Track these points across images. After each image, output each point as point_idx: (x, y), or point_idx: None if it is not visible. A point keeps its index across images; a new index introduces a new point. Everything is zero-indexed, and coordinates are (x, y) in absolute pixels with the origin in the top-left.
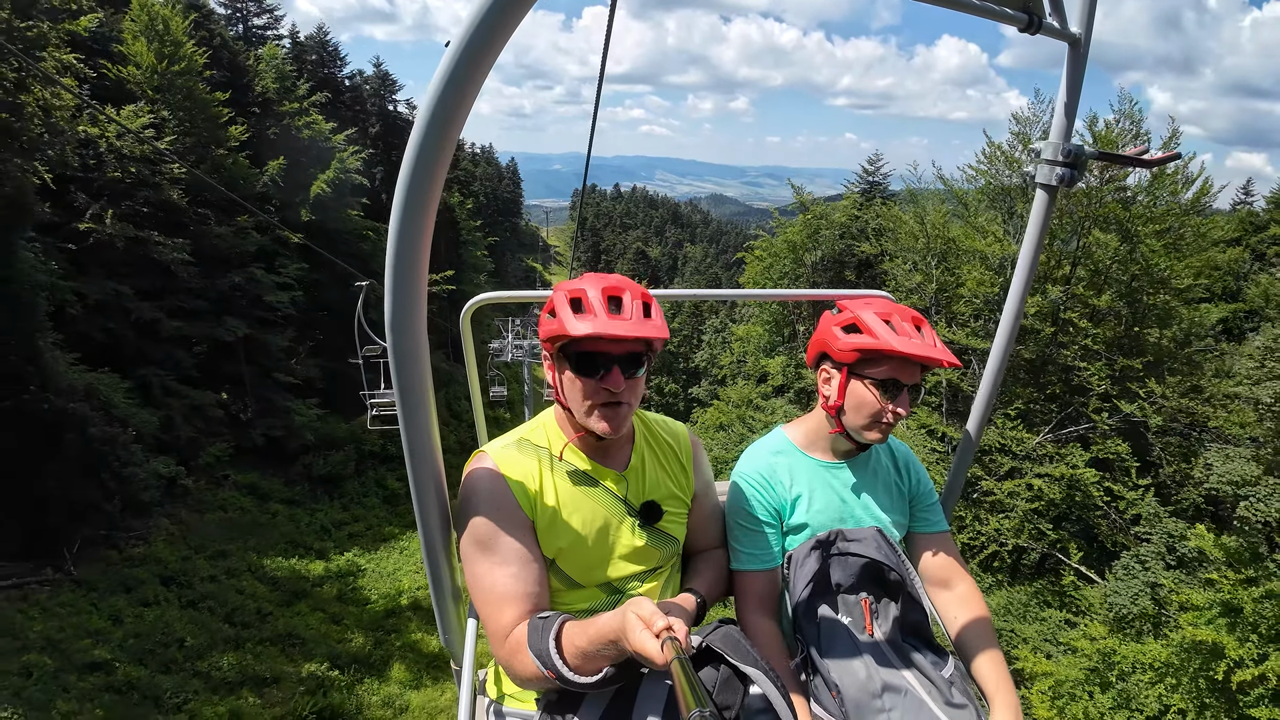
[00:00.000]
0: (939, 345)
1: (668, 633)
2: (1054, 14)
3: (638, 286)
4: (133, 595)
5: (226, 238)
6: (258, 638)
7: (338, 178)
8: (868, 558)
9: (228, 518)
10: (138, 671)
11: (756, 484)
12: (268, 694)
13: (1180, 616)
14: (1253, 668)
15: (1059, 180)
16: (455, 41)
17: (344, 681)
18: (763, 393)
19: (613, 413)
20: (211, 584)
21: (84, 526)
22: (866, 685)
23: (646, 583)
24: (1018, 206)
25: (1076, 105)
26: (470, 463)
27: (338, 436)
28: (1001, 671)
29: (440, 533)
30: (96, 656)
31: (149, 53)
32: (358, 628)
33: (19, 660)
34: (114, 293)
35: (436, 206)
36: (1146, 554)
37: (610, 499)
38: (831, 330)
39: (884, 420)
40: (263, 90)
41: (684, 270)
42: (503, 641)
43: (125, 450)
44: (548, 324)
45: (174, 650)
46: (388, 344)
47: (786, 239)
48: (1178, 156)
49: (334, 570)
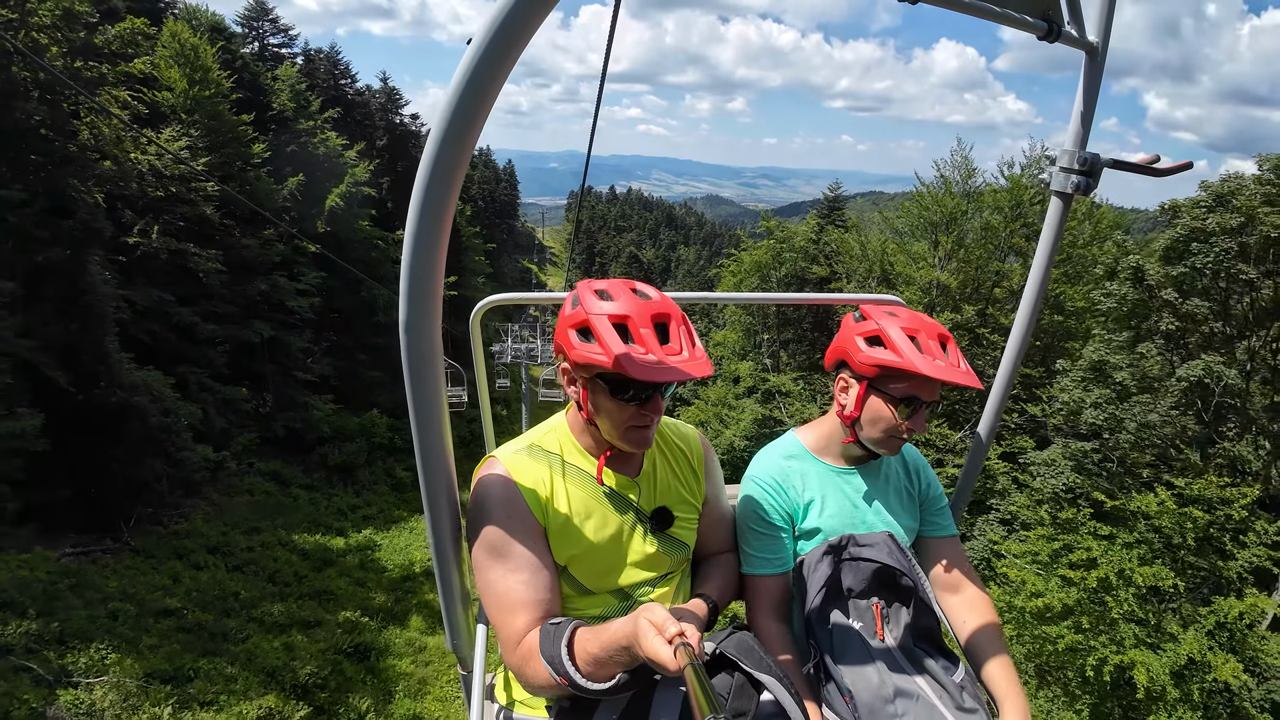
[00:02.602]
0: (963, 365)
1: (680, 639)
2: (1073, 23)
3: (676, 307)
4: (185, 561)
5: (253, 248)
6: (297, 594)
7: (349, 191)
8: (879, 563)
9: (254, 500)
10: (204, 616)
11: (769, 488)
12: (312, 634)
13: (999, 564)
14: (1047, 597)
15: (1074, 188)
16: (477, 40)
17: (373, 626)
18: (735, 394)
19: (644, 433)
20: (250, 553)
21: (139, 504)
22: (879, 690)
23: (658, 589)
24: (939, 238)
25: (1093, 113)
26: (481, 468)
27: (350, 429)
28: (1011, 676)
29: (451, 538)
30: (167, 604)
31: (181, 78)
32: (379, 589)
33: (105, 608)
34: (158, 299)
35: (454, 210)
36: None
37: (622, 505)
38: (854, 340)
39: (899, 436)
40: (280, 108)
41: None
42: (514, 648)
43: (179, 437)
44: (584, 348)
45: (230, 601)
46: (402, 346)
47: (754, 259)
48: (1189, 166)
49: (353, 545)
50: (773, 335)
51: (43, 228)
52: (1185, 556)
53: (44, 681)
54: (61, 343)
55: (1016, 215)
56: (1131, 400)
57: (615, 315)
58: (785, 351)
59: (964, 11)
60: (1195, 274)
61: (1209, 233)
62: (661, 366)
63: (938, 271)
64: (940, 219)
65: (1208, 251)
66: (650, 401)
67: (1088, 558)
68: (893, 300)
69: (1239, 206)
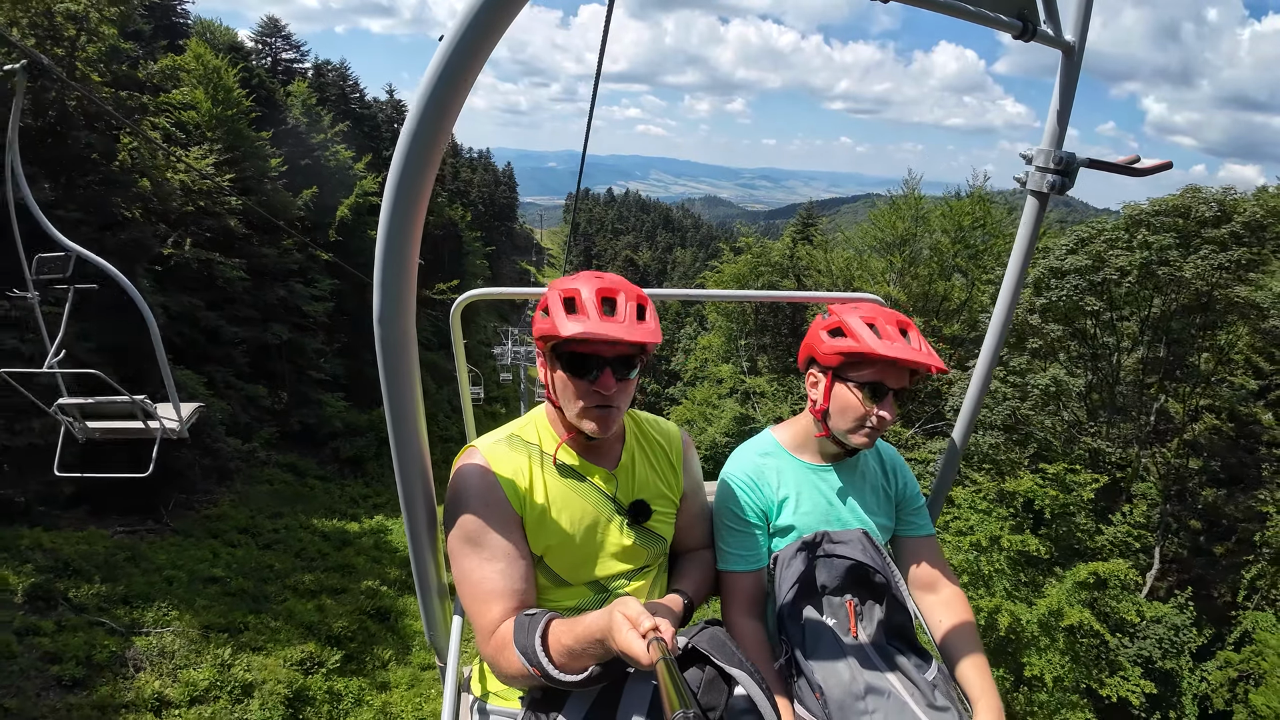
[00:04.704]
0: (925, 349)
1: (654, 633)
2: (1048, 21)
3: (633, 287)
4: (220, 540)
5: (271, 257)
6: (323, 567)
7: (358, 201)
8: (853, 560)
9: (274, 489)
10: (245, 583)
11: (744, 485)
12: (339, 598)
13: None
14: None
15: (1050, 187)
16: (448, 36)
17: (391, 594)
18: (718, 394)
19: (603, 414)
20: (276, 534)
21: (176, 490)
22: (850, 687)
23: (634, 581)
24: (892, 257)
25: (1069, 112)
26: (460, 458)
27: (360, 425)
28: (985, 675)
29: (426, 529)
30: (213, 573)
31: (206, 99)
32: (393, 565)
33: (160, 575)
34: (188, 304)
35: (427, 202)
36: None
37: (599, 497)
38: (818, 334)
39: (869, 424)
40: (294, 123)
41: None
42: (489, 638)
43: (214, 430)
44: (541, 322)
45: (266, 572)
46: (376, 338)
47: (734, 271)
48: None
49: (367, 529)
50: (750, 341)
51: (95, 243)
52: (1057, 530)
53: (117, 632)
54: (113, 345)
55: (959, 238)
56: (1004, 404)
57: (566, 290)
58: (764, 355)
59: (938, 10)
60: (1052, 305)
61: (1063, 271)
62: (594, 328)
63: (890, 286)
64: (894, 240)
65: (1062, 286)
66: (601, 378)
67: (966, 526)
68: (870, 299)
69: (1091, 250)
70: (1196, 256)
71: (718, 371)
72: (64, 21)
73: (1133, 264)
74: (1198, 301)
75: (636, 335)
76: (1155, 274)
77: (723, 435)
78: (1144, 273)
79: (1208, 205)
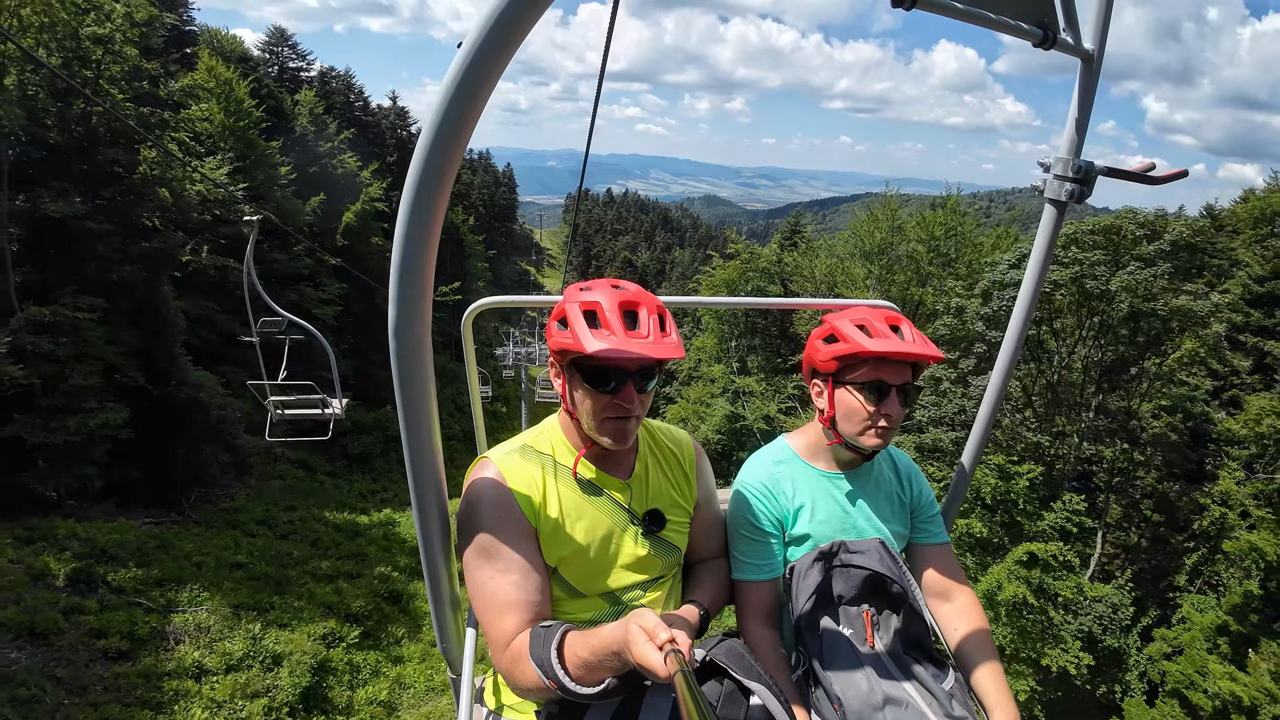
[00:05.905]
0: (918, 340)
1: (671, 645)
2: (1069, 30)
3: (652, 298)
4: (239, 530)
5: (282, 262)
6: (337, 555)
7: (364, 207)
8: (870, 570)
9: (287, 484)
10: (268, 568)
11: (759, 493)
12: (355, 583)
13: None
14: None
15: (1068, 196)
16: (468, 43)
17: (402, 579)
18: (712, 393)
19: (622, 426)
20: (291, 525)
21: (197, 485)
22: (868, 698)
23: (649, 592)
24: (870, 265)
25: (1088, 121)
26: (473, 470)
27: (367, 423)
28: (1001, 684)
29: (440, 541)
30: (237, 559)
31: (219, 110)
32: (402, 554)
33: (188, 561)
34: (206, 309)
35: (444, 212)
36: None
37: (614, 507)
38: (814, 343)
39: (876, 425)
40: (302, 131)
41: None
42: (503, 650)
43: (235, 427)
44: (559, 335)
45: (285, 559)
46: (391, 350)
47: (724, 276)
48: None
49: (376, 522)
50: (740, 342)
51: (122, 252)
52: (999, 516)
53: (155, 610)
54: (139, 347)
55: (932, 247)
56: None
57: (586, 303)
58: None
59: (959, 18)
60: (995, 315)
61: (1004, 284)
62: (620, 345)
63: (870, 293)
64: (872, 248)
65: (1002, 297)
66: (622, 391)
67: None
68: (887, 305)
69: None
70: (1124, 272)
71: (710, 372)
72: (91, 45)
73: (1064, 278)
74: (1132, 311)
75: (663, 352)
76: (1085, 287)
77: (715, 433)
78: (1076, 286)
79: (1139, 226)
